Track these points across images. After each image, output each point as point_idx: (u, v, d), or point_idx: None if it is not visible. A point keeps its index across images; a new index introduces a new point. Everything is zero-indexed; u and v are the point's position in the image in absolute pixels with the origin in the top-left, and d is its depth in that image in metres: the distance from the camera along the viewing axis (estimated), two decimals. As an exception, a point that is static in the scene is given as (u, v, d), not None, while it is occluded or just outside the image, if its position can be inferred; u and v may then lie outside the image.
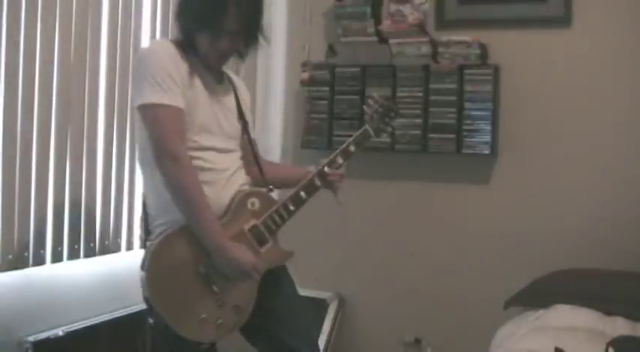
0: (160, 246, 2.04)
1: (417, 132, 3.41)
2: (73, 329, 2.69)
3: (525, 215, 3.37)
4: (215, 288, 2.08)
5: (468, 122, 3.34)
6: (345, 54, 3.59)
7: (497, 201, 3.42)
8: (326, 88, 3.57)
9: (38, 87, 2.53)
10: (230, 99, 2.26)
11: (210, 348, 2.14)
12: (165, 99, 2.01)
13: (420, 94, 3.41)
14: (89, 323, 2.76)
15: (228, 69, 2.37)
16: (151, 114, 2.03)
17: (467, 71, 3.35)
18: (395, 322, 3.56)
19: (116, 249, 2.92)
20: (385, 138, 2.37)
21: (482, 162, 3.41)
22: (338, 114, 3.55)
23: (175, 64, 2.06)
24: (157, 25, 3.08)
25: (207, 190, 2.06)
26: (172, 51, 2.09)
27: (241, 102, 2.30)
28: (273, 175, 2.35)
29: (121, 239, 2.94)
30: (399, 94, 3.45)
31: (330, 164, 2.29)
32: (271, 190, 2.28)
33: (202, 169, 2.09)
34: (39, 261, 2.58)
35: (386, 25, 3.47)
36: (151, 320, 2.09)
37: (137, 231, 3.01)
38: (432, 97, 3.40)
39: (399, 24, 3.43)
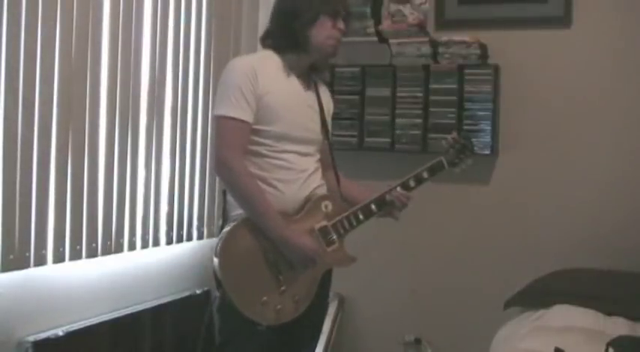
0: (230, 233, 2.21)
1: (417, 132, 3.42)
2: (73, 329, 2.69)
3: (525, 215, 3.38)
4: (280, 277, 2.24)
5: (468, 122, 3.35)
6: (345, 54, 3.58)
7: (497, 201, 3.43)
8: (326, 88, 3.57)
9: (39, 86, 2.53)
10: (315, 107, 2.40)
11: (266, 330, 2.25)
12: (231, 112, 2.19)
13: (420, 94, 3.41)
14: (89, 323, 2.77)
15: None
16: (217, 124, 2.26)
17: (467, 71, 3.35)
18: (395, 322, 3.56)
19: (118, 249, 2.92)
20: (457, 171, 2.63)
21: (482, 162, 3.41)
22: (338, 114, 3.53)
23: (252, 80, 2.20)
24: (158, 22, 3.09)
25: (285, 188, 2.26)
26: (254, 66, 2.22)
27: (325, 110, 2.43)
28: (347, 191, 2.48)
29: (123, 239, 2.94)
30: (399, 94, 3.45)
31: (403, 186, 2.45)
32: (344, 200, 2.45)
33: (282, 168, 2.27)
34: (40, 261, 2.58)
35: (386, 25, 3.47)
36: (217, 294, 2.28)
37: (139, 231, 3.02)
38: (432, 97, 3.40)
39: (398, 24, 3.43)
